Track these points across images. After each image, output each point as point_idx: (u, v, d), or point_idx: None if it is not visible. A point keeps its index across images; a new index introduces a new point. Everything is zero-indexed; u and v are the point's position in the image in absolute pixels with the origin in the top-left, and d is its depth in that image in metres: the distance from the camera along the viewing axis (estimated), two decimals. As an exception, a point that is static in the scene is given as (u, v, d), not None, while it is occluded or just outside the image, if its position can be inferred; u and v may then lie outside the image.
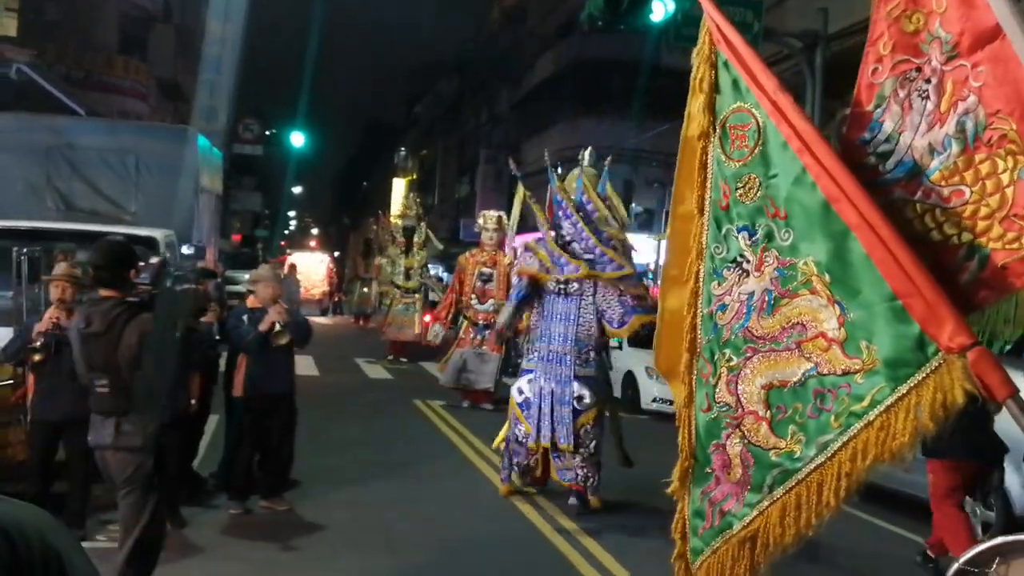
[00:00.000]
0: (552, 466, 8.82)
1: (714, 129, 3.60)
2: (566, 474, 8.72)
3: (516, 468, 8.99)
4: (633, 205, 36.03)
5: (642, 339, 17.10)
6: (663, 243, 30.27)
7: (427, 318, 19.50)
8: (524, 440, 8.77)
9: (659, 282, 4.06)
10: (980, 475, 7.41)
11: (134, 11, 30.73)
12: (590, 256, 8.78)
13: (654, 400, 15.19)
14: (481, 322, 14.63)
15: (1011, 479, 8.03)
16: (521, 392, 8.87)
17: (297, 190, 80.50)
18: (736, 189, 3.50)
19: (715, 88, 3.60)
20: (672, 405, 12.15)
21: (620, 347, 16.78)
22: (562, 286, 8.84)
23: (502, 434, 9.29)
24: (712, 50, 3.60)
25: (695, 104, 3.67)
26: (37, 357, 6.89)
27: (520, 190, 10.15)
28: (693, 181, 3.69)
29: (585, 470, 8.61)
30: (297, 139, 52.14)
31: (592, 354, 8.89)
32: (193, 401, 7.61)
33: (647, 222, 34.45)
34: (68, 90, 18.84)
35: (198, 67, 31.39)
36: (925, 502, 7.59)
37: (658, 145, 31.58)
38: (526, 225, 11.63)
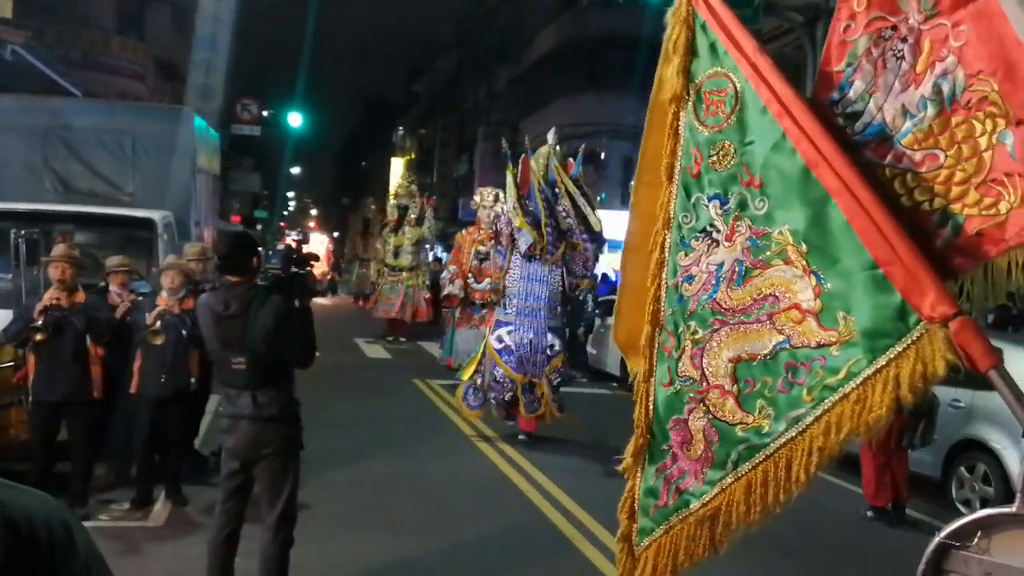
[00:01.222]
0: (522, 401, 10.52)
1: (688, 94, 3.47)
2: (532, 405, 10.54)
3: (494, 403, 10.64)
4: (631, 183, 36.05)
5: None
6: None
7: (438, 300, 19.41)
8: (503, 381, 10.52)
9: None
10: (912, 427, 8.17)
11: (129, -10, 30.54)
12: (550, 228, 10.40)
13: (653, 378, 15.24)
14: (478, 301, 14.59)
15: (1010, 456, 8.14)
16: (501, 340, 10.63)
17: (296, 171, 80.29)
18: (709, 156, 3.38)
19: (691, 51, 3.47)
20: None
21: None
22: (542, 254, 10.49)
23: (469, 371, 10.87)
24: (689, 11, 3.48)
25: (669, 67, 3.53)
26: (39, 336, 6.92)
27: (511, 168, 10.96)
28: (661, 147, 3.55)
29: (551, 397, 10.56)
30: (295, 119, 51.93)
31: (558, 308, 10.87)
32: (193, 380, 7.62)
33: (646, 200, 34.45)
34: (65, 71, 18.78)
35: (193, 45, 31.15)
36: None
37: (657, 122, 31.61)
38: None
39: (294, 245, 47.82)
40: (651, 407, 3.57)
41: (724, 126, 3.35)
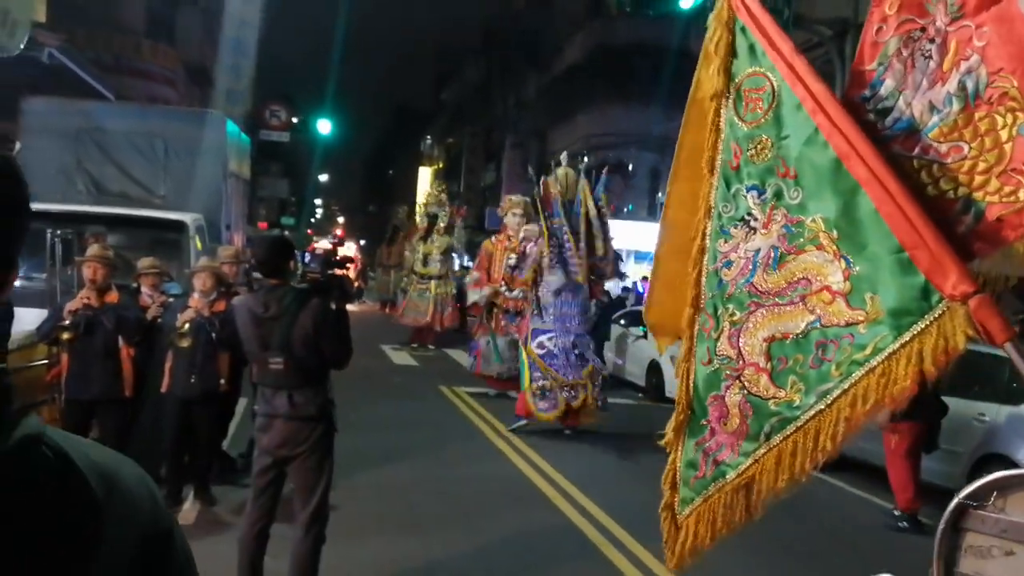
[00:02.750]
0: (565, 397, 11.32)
1: (728, 92, 3.71)
2: (573, 399, 11.32)
3: (542, 406, 11.32)
4: (660, 194, 35.96)
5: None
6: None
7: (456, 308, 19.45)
8: (549, 384, 11.28)
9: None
10: (927, 433, 8.55)
11: (160, -7, 30.74)
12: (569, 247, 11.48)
13: (678, 388, 15.20)
14: (511, 309, 14.59)
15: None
16: (542, 347, 11.45)
17: (323, 177, 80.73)
18: (747, 150, 3.61)
19: (731, 52, 3.70)
20: None
21: (645, 336, 16.80)
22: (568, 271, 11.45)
23: (525, 382, 11.58)
24: (730, 15, 3.71)
25: (710, 67, 3.77)
26: (67, 336, 7.00)
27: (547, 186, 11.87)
28: (702, 143, 3.79)
29: (596, 394, 11.49)
30: (324, 126, 52.29)
31: (586, 314, 11.91)
32: (222, 381, 7.67)
33: (673, 210, 34.32)
34: (98, 74, 18.96)
35: (220, 50, 31.35)
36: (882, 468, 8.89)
37: (686, 133, 31.50)
38: None
39: (331, 248, 48.21)
40: (691, 385, 3.81)
41: (762, 122, 3.58)
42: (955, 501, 3.25)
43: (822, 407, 3.32)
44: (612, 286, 19.34)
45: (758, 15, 3.63)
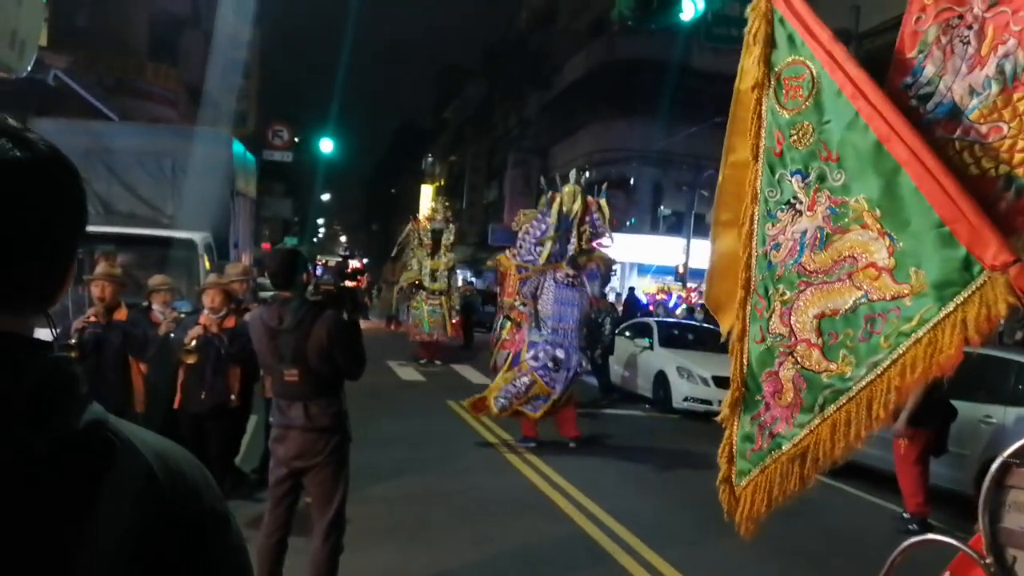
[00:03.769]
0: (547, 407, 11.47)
1: (768, 81, 3.84)
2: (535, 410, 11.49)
3: (531, 409, 11.47)
4: (661, 208, 36.07)
5: (673, 340, 17.25)
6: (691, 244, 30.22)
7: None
8: (539, 395, 11.40)
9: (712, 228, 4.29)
10: (937, 437, 8.61)
11: (163, 16, 30.78)
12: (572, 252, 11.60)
13: (685, 399, 15.23)
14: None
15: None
16: (537, 359, 11.52)
17: (326, 197, 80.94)
18: (790, 136, 3.74)
19: (770, 42, 3.83)
20: (702, 404, 12.93)
21: (651, 347, 16.85)
22: (570, 279, 11.59)
23: (498, 381, 11.86)
24: (768, 6, 3.83)
25: (749, 58, 3.90)
26: (73, 354, 7.04)
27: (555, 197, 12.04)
28: (746, 131, 3.92)
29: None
30: (326, 145, 52.42)
31: (583, 329, 12.01)
32: (233, 396, 7.71)
33: (676, 225, 34.40)
34: (102, 95, 19.10)
35: (216, 69, 31.46)
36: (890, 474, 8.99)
37: (688, 147, 31.54)
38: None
39: (343, 260, 48.29)
40: (745, 363, 3.96)
41: (803, 108, 3.71)
42: (1000, 459, 3.46)
43: (872, 377, 3.45)
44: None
45: (795, 5, 3.76)
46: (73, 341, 7.04)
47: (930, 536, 4.18)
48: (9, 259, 1.09)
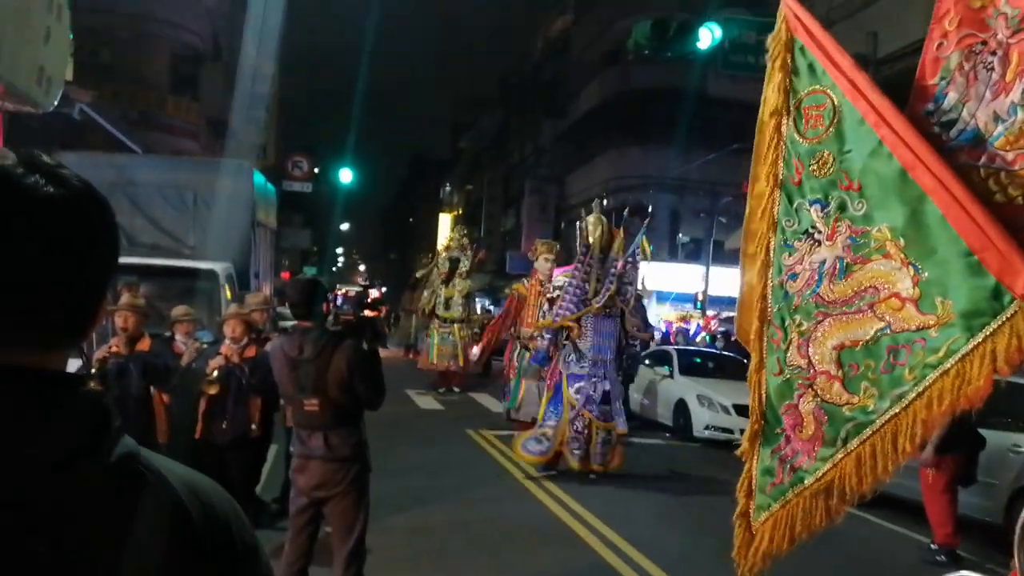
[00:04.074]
0: (596, 446, 11.35)
1: (788, 110, 3.81)
2: (605, 455, 11.38)
3: (575, 455, 11.25)
4: (680, 235, 36.02)
5: (694, 368, 17.18)
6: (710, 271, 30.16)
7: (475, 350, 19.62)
8: (583, 431, 11.28)
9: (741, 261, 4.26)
10: (966, 466, 8.49)
11: (185, 51, 31.25)
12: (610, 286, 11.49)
13: (706, 428, 15.15)
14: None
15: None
16: (581, 392, 11.39)
17: (344, 226, 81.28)
18: (809, 165, 3.71)
19: (790, 71, 3.81)
20: (724, 433, 12.80)
21: (671, 375, 16.76)
22: (607, 309, 11.49)
23: (541, 412, 11.89)
24: (789, 35, 3.82)
25: (770, 86, 3.88)
26: (94, 384, 7.08)
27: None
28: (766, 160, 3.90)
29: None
30: (346, 175, 52.67)
31: (619, 358, 11.96)
32: (254, 425, 7.75)
33: (694, 252, 34.34)
34: (126, 129, 19.35)
35: (240, 104, 31.84)
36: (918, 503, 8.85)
37: (705, 174, 31.54)
38: (573, 257, 12.72)
39: (364, 290, 48.44)
40: (763, 395, 3.89)
41: (823, 137, 3.68)
42: None
43: (897, 410, 3.40)
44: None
45: (817, 34, 3.74)
46: (95, 371, 7.10)
47: (964, 573, 4.11)
48: (44, 297, 1.11)
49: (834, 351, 3.59)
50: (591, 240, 11.56)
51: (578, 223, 11.96)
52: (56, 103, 9.65)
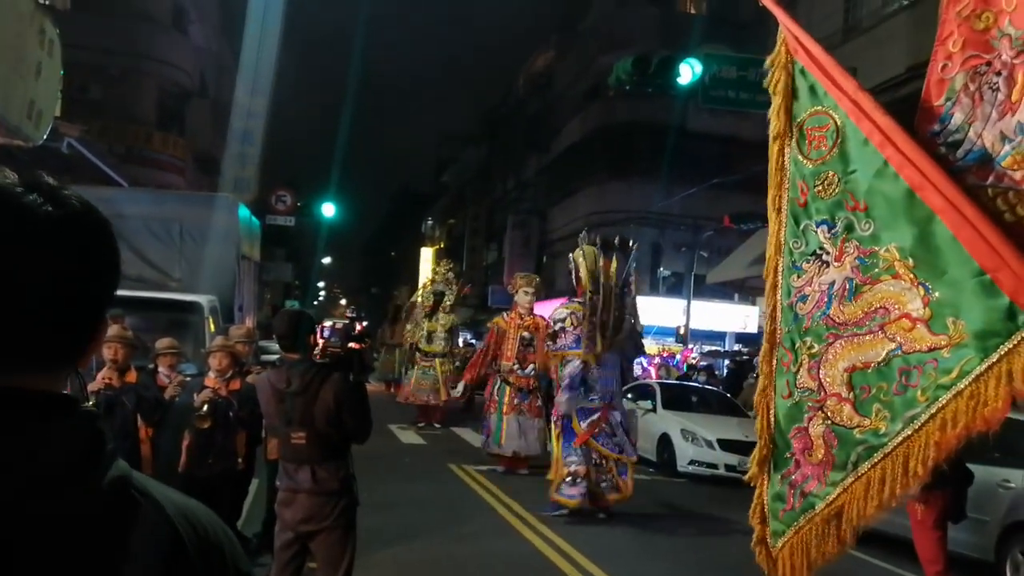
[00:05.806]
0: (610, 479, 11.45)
1: (791, 132, 3.81)
2: (602, 482, 11.38)
3: (604, 486, 11.36)
4: (661, 269, 36.18)
5: (677, 402, 17.19)
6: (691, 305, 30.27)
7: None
8: (601, 463, 11.40)
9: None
10: (955, 501, 8.18)
11: (172, 88, 31.64)
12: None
13: (690, 463, 15.14)
14: (524, 387, 14.63)
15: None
16: (592, 425, 11.34)
17: (326, 260, 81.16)
18: (814, 187, 3.70)
19: (791, 93, 3.81)
20: (708, 468, 12.77)
21: (655, 410, 16.74)
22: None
23: (557, 467, 11.40)
24: (788, 58, 3.82)
25: (771, 109, 3.89)
26: (90, 405, 7.06)
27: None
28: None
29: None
30: (328, 209, 52.68)
31: (621, 387, 12.23)
32: (240, 459, 7.72)
33: (675, 286, 34.47)
34: (113, 164, 19.40)
35: (228, 139, 32.04)
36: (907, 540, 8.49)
37: (686, 208, 31.75)
38: (554, 290, 12.70)
39: (350, 322, 48.31)
40: (772, 419, 3.83)
41: (827, 158, 3.67)
42: None
43: (909, 433, 3.35)
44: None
45: (817, 56, 3.73)
46: (90, 404, 7.07)
47: None
48: (44, 317, 1.09)
49: (845, 373, 3.54)
50: (591, 271, 11.57)
51: (571, 256, 11.96)
52: (45, 137, 9.68)
